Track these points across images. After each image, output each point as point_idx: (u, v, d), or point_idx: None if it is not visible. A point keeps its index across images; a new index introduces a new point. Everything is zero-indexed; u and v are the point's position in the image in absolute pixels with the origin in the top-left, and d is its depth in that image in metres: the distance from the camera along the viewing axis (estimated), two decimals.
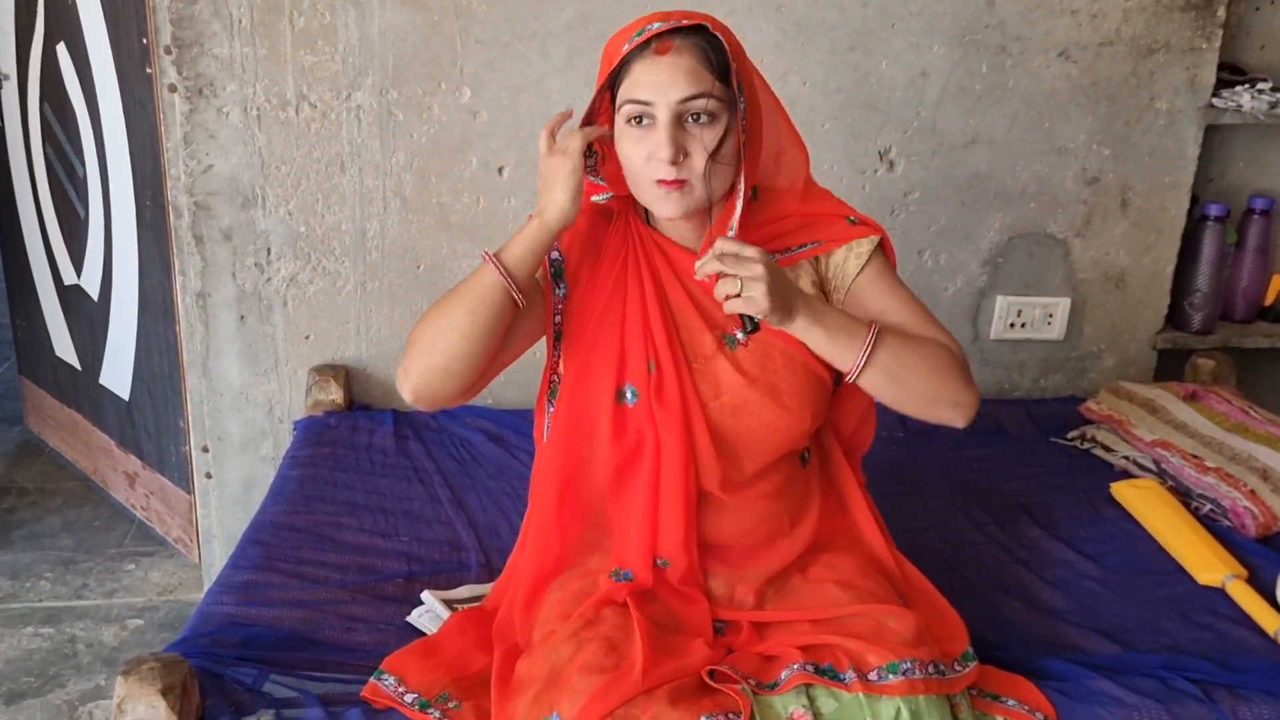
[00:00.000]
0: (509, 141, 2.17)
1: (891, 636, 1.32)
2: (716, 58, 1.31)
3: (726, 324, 1.40)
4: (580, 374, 1.42)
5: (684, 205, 1.33)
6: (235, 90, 2.09)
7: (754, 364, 1.40)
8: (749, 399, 1.39)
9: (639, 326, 1.39)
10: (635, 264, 1.41)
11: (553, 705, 1.25)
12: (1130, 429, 2.12)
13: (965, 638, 1.41)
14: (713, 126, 1.31)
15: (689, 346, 1.40)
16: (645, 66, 1.31)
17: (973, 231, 2.34)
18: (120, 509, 2.81)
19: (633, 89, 1.31)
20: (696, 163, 1.31)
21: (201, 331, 2.23)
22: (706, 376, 1.40)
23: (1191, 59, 2.27)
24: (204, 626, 1.48)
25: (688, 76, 1.29)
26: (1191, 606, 1.65)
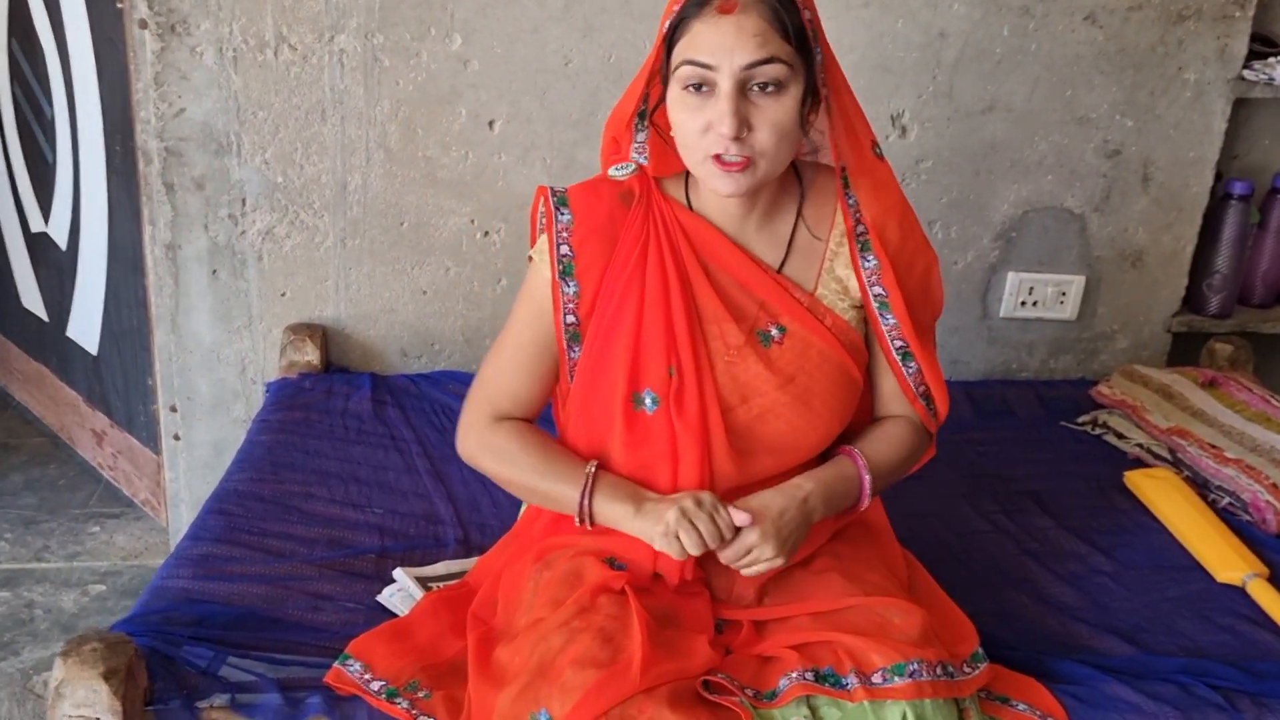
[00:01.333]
0: (501, 93, 2.05)
1: (896, 634, 1.23)
2: (789, 16, 1.19)
3: (758, 318, 1.30)
4: (592, 380, 1.31)
5: (745, 185, 1.23)
6: (210, 29, 1.96)
7: (790, 363, 1.30)
8: (779, 403, 1.29)
9: (659, 326, 1.28)
10: (657, 254, 1.29)
11: (540, 701, 1.15)
12: (1145, 415, 2.02)
13: (975, 639, 1.32)
14: (781, 96, 1.20)
15: (715, 340, 1.29)
16: (707, 25, 1.19)
17: (986, 203, 2.23)
18: (87, 468, 2.70)
19: (691, 49, 1.19)
20: (761, 138, 1.20)
21: (171, 285, 2.12)
22: (734, 374, 1.29)
23: (1223, 27, 2.16)
24: (157, 603, 1.39)
25: (755, 39, 1.17)
26: (1210, 606, 1.57)
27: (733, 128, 1.18)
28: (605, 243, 1.30)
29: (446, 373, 2.17)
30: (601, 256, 1.30)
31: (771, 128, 1.20)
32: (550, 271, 1.31)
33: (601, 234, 1.31)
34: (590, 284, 1.31)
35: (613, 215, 1.31)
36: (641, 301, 1.28)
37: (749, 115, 1.19)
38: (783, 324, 1.31)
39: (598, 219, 1.31)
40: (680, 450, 1.27)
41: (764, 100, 1.19)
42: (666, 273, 1.29)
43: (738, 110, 1.18)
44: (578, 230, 1.31)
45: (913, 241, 1.35)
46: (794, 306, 1.31)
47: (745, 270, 1.30)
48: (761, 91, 1.19)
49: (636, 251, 1.30)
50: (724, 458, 1.28)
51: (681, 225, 1.30)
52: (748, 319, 1.30)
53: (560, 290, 1.31)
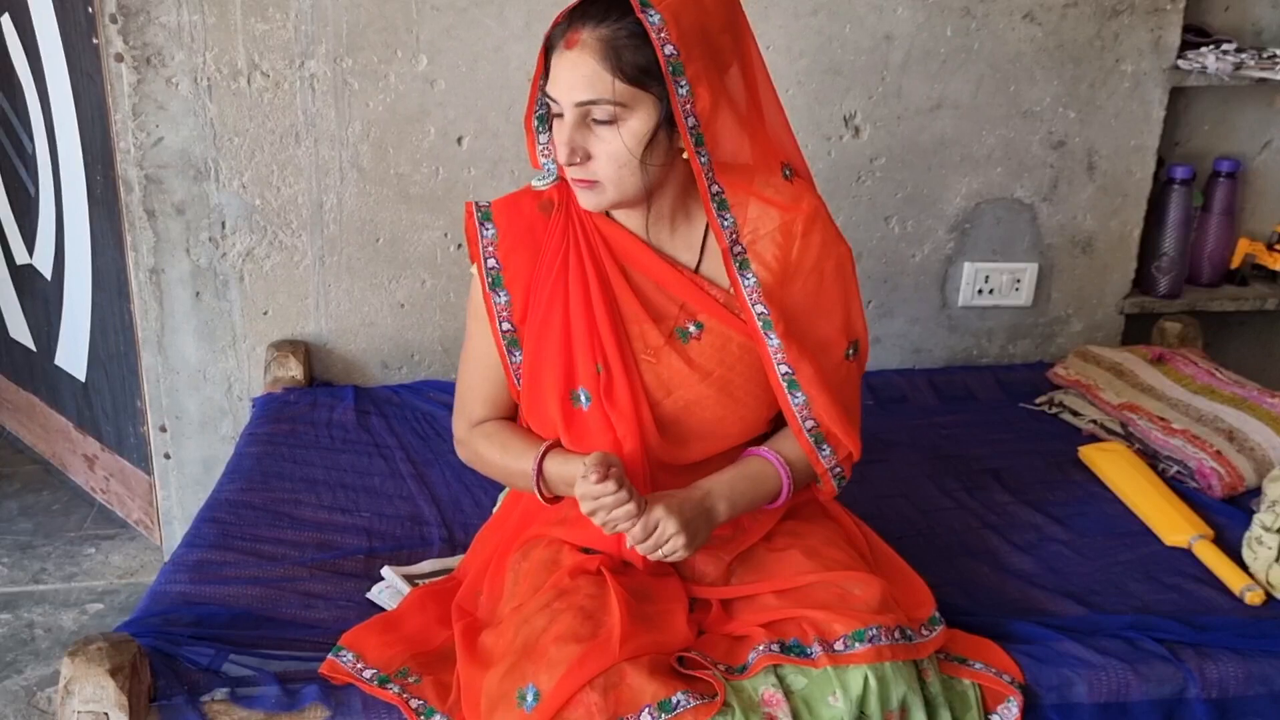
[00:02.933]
0: (468, 110, 2.13)
1: (857, 604, 1.31)
2: (630, 54, 1.22)
3: (678, 316, 1.37)
4: (533, 382, 1.40)
5: (598, 202, 1.31)
6: (184, 59, 2.04)
7: (709, 358, 1.37)
8: (702, 395, 1.36)
9: (585, 327, 1.35)
10: (578, 260, 1.37)
11: (528, 677, 1.22)
12: (1098, 393, 2.11)
13: (931, 603, 1.40)
14: (618, 129, 1.25)
15: (637, 339, 1.37)
16: (557, 59, 1.26)
17: (939, 197, 2.32)
18: (80, 492, 2.76)
19: (548, 80, 1.27)
20: (598, 165, 1.27)
21: (156, 309, 2.18)
22: (657, 370, 1.37)
23: (1156, 20, 2.25)
24: (156, 606, 1.45)
25: (585, 79, 1.23)
26: (1158, 567, 1.65)
27: (564, 157, 1.26)
28: (529, 252, 1.38)
29: (427, 382, 2.24)
30: (526, 265, 1.39)
31: (608, 158, 1.26)
32: (481, 284, 1.40)
33: (524, 244, 1.39)
34: (519, 292, 1.39)
35: (533, 225, 1.39)
36: (567, 305, 1.36)
37: (588, 144, 1.26)
38: (700, 320, 1.37)
39: (519, 230, 1.39)
40: (620, 439, 1.35)
41: (603, 130, 1.25)
42: (587, 277, 1.36)
43: (571, 140, 1.25)
44: (502, 243, 1.39)
45: (808, 256, 1.35)
46: (710, 304, 1.36)
47: (661, 271, 1.36)
48: (600, 123, 1.25)
49: (559, 258, 1.37)
50: (657, 444, 1.36)
51: (600, 231, 1.37)
52: (667, 318, 1.37)
53: (492, 300, 1.39)
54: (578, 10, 1.26)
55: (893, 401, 2.24)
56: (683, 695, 1.21)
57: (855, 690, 1.23)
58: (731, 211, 1.33)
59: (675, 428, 1.37)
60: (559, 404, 1.36)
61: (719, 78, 1.28)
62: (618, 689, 1.21)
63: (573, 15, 1.26)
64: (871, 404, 2.22)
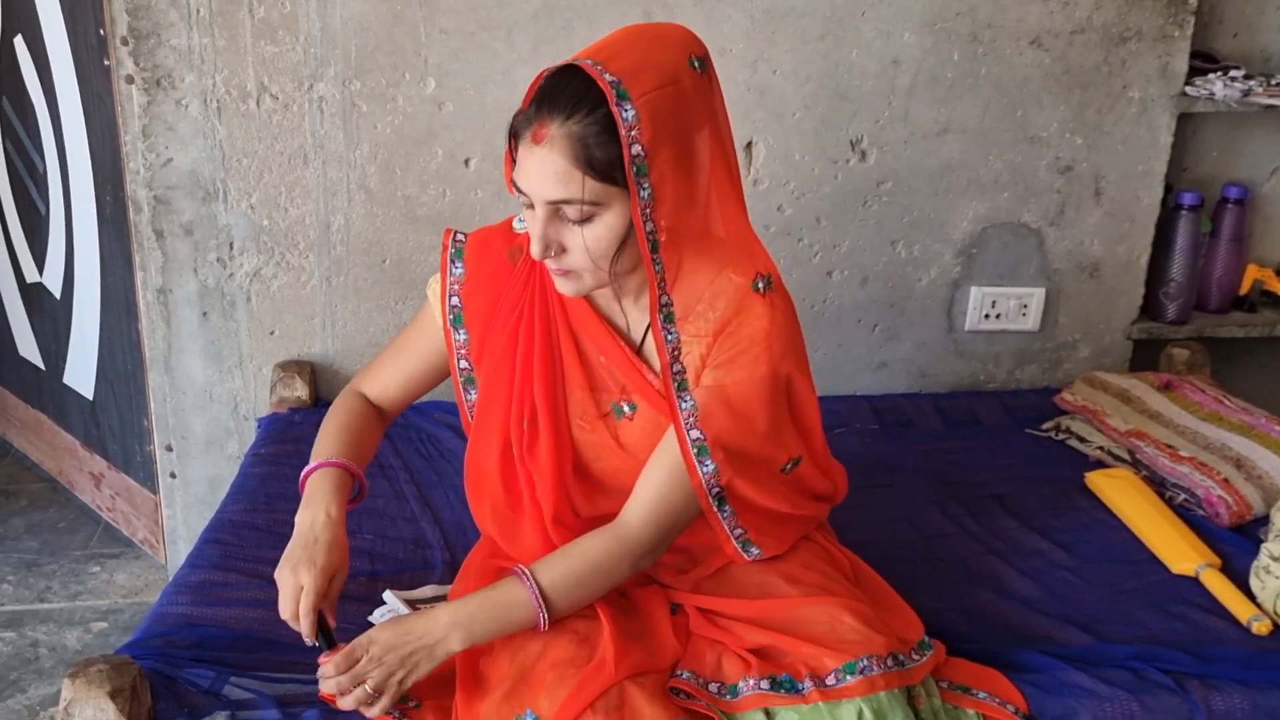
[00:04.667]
0: (475, 133, 2.14)
1: (846, 632, 1.30)
2: (601, 150, 1.17)
3: (615, 392, 1.36)
4: (478, 422, 1.41)
5: (577, 289, 1.29)
6: (194, 81, 2.05)
7: (638, 441, 1.36)
8: (629, 467, 1.36)
9: (521, 382, 1.36)
10: (530, 316, 1.36)
11: (525, 703, 1.22)
12: (1105, 419, 2.10)
13: (920, 627, 1.39)
14: (591, 225, 1.21)
15: (575, 404, 1.37)
16: (525, 151, 1.21)
17: (946, 221, 2.32)
18: (86, 510, 2.76)
19: (516, 170, 1.23)
20: (573, 258, 1.24)
21: (163, 329, 2.19)
22: (589, 438, 1.37)
23: (1164, 47, 2.26)
24: (157, 627, 1.45)
25: (555, 178, 1.18)
26: (1165, 596, 1.64)
27: (538, 253, 1.23)
28: (490, 296, 1.39)
29: (432, 403, 2.22)
30: (487, 307, 1.39)
31: (582, 252, 1.23)
32: (441, 318, 1.41)
33: (488, 287, 1.39)
34: (477, 333, 1.40)
35: (498, 270, 1.39)
36: (515, 357, 1.36)
37: (561, 237, 1.23)
38: (635, 402, 1.36)
39: (485, 273, 1.40)
40: (539, 496, 1.36)
41: (576, 225, 1.22)
42: (535, 335, 1.35)
43: (544, 236, 1.22)
44: (467, 283, 1.41)
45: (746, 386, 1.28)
46: (646, 388, 1.34)
47: (608, 348, 1.35)
48: (572, 219, 1.21)
49: (515, 311, 1.37)
50: (578, 496, 1.38)
51: (560, 294, 1.35)
52: (607, 392, 1.37)
53: (452, 338, 1.41)
54: (545, 99, 1.20)
55: (898, 426, 2.23)
56: None
57: None
58: (677, 326, 1.29)
59: (596, 486, 1.39)
60: (499, 449, 1.38)
61: (686, 177, 1.22)
62: (620, 711, 1.21)
63: (540, 104, 1.20)
64: (876, 428, 2.22)
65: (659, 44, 1.24)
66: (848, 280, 2.33)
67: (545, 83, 1.22)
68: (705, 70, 1.26)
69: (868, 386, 2.41)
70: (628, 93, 1.17)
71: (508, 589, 1.28)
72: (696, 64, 1.25)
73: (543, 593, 1.27)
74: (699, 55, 1.26)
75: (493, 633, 1.28)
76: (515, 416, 1.36)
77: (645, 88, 1.18)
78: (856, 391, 2.40)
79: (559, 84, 1.20)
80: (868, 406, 2.29)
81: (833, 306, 2.34)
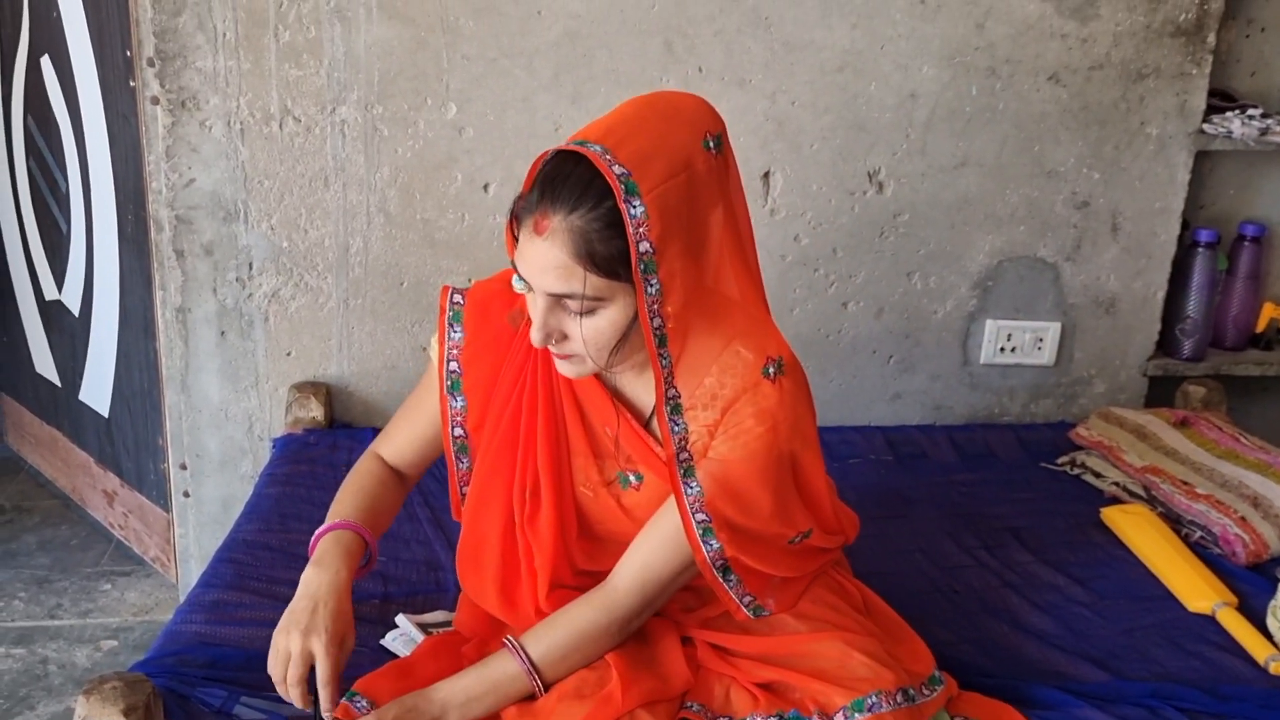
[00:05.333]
0: (495, 158, 2.16)
1: (855, 668, 1.29)
2: (604, 245, 1.13)
3: (620, 461, 1.34)
4: (478, 494, 1.38)
5: (579, 373, 1.27)
6: (218, 104, 2.07)
7: (644, 509, 1.33)
8: (631, 530, 1.34)
9: (523, 451, 1.33)
10: (532, 383, 1.33)
11: None
12: (1120, 455, 2.09)
13: (931, 662, 1.38)
14: (592, 318, 1.18)
15: (579, 472, 1.35)
16: (526, 240, 1.17)
17: (962, 254, 2.32)
18: (98, 528, 2.77)
19: (517, 255, 1.19)
20: (574, 345, 1.21)
21: (181, 347, 2.20)
22: (593, 505, 1.35)
23: (1181, 84, 2.26)
24: (171, 646, 1.45)
25: (556, 272, 1.14)
26: (1181, 634, 1.62)
27: (539, 340, 1.20)
28: (492, 362, 1.35)
29: None
30: (488, 375, 1.36)
31: (583, 341, 1.20)
32: (439, 384, 1.38)
33: (489, 354, 1.36)
34: (477, 400, 1.36)
35: (499, 336, 1.35)
36: (519, 426, 1.33)
37: (563, 326, 1.19)
38: (641, 473, 1.33)
39: (485, 339, 1.36)
40: (537, 567, 1.34)
41: (577, 317, 1.18)
42: (537, 405, 1.32)
43: (545, 325, 1.19)
44: (466, 349, 1.37)
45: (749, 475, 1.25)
46: (653, 460, 1.31)
47: (614, 422, 1.32)
48: (573, 310, 1.18)
49: (518, 378, 1.33)
50: (580, 554, 1.36)
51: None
52: (611, 459, 1.34)
53: (448, 404, 1.37)
54: (548, 188, 1.15)
55: (912, 458, 2.23)
56: None
57: None
58: (684, 416, 1.25)
59: (600, 546, 1.37)
60: (501, 521, 1.35)
61: (697, 268, 1.20)
62: None
63: (543, 193, 1.15)
64: (891, 460, 2.21)
65: (671, 123, 1.19)
66: (863, 311, 2.33)
67: (549, 168, 1.17)
68: (720, 150, 1.22)
69: (882, 417, 2.41)
70: (637, 187, 1.12)
71: (500, 664, 1.28)
72: (711, 144, 1.20)
73: (534, 665, 1.27)
74: (714, 134, 1.21)
75: (488, 708, 1.26)
76: (519, 487, 1.33)
77: (656, 179, 1.13)
78: (870, 422, 2.40)
79: (563, 171, 1.15)
80: (882, 437, 2.28)
81: (848, 337, 2.35)
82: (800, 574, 1.37)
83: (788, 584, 1.36)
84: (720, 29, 2.12)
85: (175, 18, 2.01)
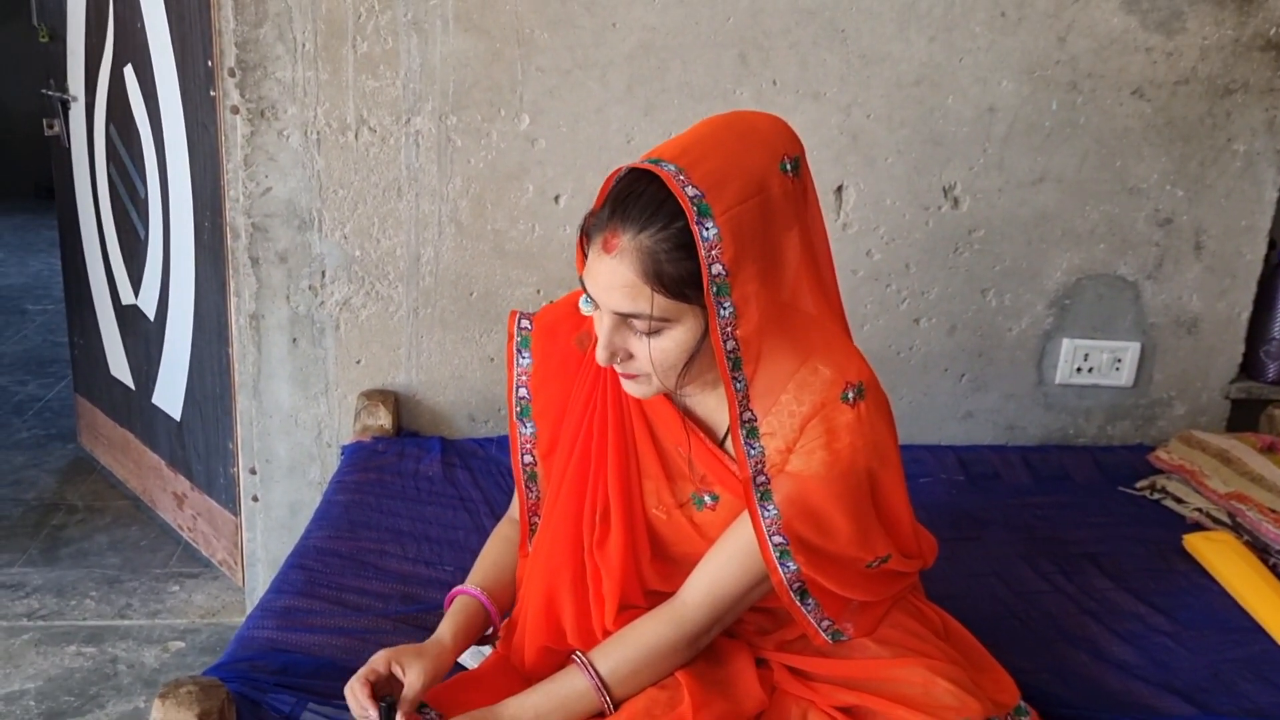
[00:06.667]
0: (566, 170, 2.16)
1: (940, 695, 1.25)
2: (672, 266, 1.11)
3: (694, 482, 1.31)
4: (549, 519, 1.35)
5: (645, 393, 1.24)
6: (296, 113, 2.09)
7: (719, 529, 1.30)
8: (704, 550, 1.31)
9: (594, 475, 1.31)
10: (602, 406, 1.31)
11: None
12: (1203, 480, 2.03)
13: (1016, 692, 1.34)
14: (659, 339, 1.16)
15: (651, 495, 1.32)
16: (594, 256, 1.16)
17: (1039, 272, 2.28)
18: (167, 529, 2.81)
19: (585, 271, 1.18)
20: (640, 364, 1.19)
21: (254, 353, 2.23)
22: (666, 526, 1.33)
23: (1271, 100, 2.20)
24: (244, 651, 1.45)
25: (623, 291, 1.13)
26: (1271, 668, 1.56)
27: (604, 359, 1.18)
28: (561, 387, 1.34)
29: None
30: (558, 400, 1.34)
31: (650, 361, 1.18)
32: (509, 411, 1.37)
33: (558, 379, 1.35)
34: (547, 426, 1.36)
35: (567, 360, 1.34)
36: (588, 453, 1.31)
37: (629, 345, 1.18)
38: (717, 493, 1.30)
39: (554, 364, 1.35)
40: (605, 590, 1.31)
41: (644, 336, 1.17)
42: (608, 428, 1.30)
43: (611, 344, 1.17)
44: (535, 374, 1.36)
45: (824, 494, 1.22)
46: (731, 481, 1.29)
47: (685, 442, 1.29)
48: (640, 330, 1.17)
49: (588, 405, 1.31)
50: (653, 575, 1.33)
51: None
52: (685, 480, 1.31)
53: (518, 431, 1.37)
54: (619, 206, 1.14)
55: (985, 478, 2.18)
56: None
57: None
58: (761, 440, 1.22)
59: (676, 567, 1.33)
60: (569, 546, 1.32)
61: (771, 290, 1.17)
62: None
63: (614, 211, 1.14)
64: (963, 479, 2.17)
65: (748, 144, 1.17)
66: (935, 328, 2.29)
67: (621, 185, 1.16)
68: (798, 173, 1.19)
69: (953, 436, 2.36)
70: (710, 209, 1.10)
71: (569, 680, 1.26)
72: (789, 167, 1.17)
73: (603, 681, 1.25)
74: (792, 157, 1.18)
75: (562, 713, 1.24)
76: (589, 512, 1.31)
77: (729, 202, 1.11)
78: (941, 441, 2.35)
79: (635, 190, 1.14)
80: (953, 457, 2.24)
81: (919, 354, 2.31)
82: (879, 598, 1.34)
83: (866, 608, 1.33)
84: (795, 41, 2.10)
85: (257, 29, 2.04)
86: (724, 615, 1.30)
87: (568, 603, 1.33)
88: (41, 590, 2.51)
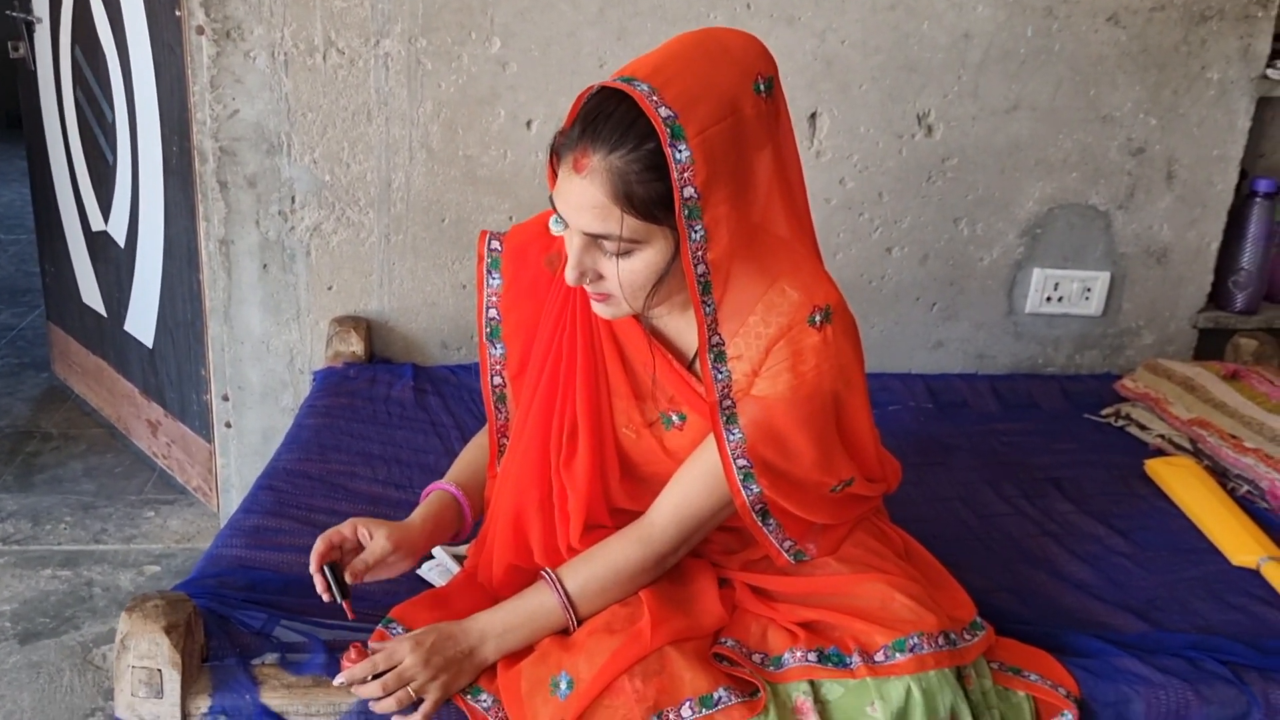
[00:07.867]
0: (538, 95, 2.13)
1: (898, 609, 1.28)
2: (643, 187, 1.11)
3: (662, 402, 1.32)
4: (517, 437, 1.35)
5: (614, 313, 1.24)
6: (263, 34, 2.06)
7: (687, 447, 1.31)
8: (671, 469, 1.32)
9: (561, 395, 1.31)
10: (571, 327, 1.31)
11: (562, 666, 1.22)
12: (1167, 407, 2.06)
13: (972, 608, 1.36)
14: (628, 259, 1.16)
15: (620, 414, 1.32)
16: (564, 175, 1.15)
17: (1011, 200, 2.28)
18: (142, 456, 2.81)
19: (555, 189, 1.17)
20: (609, 285, 1.19)
21: (224, 279, 2.22)
22: (634, 445, 1.33)
23: (1246, 27, 2.19)
24: (212, 568, 1.46)
25: (593, 211, 1.13)
26: (1224, 587, 1.60)
27: (573, 279, 1.18)
28: (531, 306, 1.34)
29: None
30: (528, 320, 1.35)
31: (618, 283, 1.18)
32: (479, 332, 1.37)
33: (528, 299, 1.35)
34: (517, 347, 1.36)
35: (537, 281, 1.34)
36: (557, 372, 1.31)
37: (598, 265, 1.18)
38: (684, 413, 1.31)
39: (524, 284, 1.35)
40: (570, 508, 1.32)
41: (613, 256, 1.16)
42: (576, 349, 1.30)
43: (580, 263, 1.17)
44: (505, 295, 1.36)
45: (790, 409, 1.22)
46: (696, 400, 1.29)
47: (655, 362, 1.30)
48: (609, 251, 1.16)
49: (557, 325, 1.31)
50: (622, 494, 1.34)
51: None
52: (653, 400, 1.31)
53: (488, 352, 1.37)
54: (589, 125, 1.12)
55: (953, 406, 2.21)
56: (725, 691, 1.20)
57: (896, 701, 1.20)
58: (728, 364, 1.23)
59: (644, 486, 1.35)
60: (535, 463, 1.33)
61: (742, 212, 1.17)
62: (659, 676, 1.20)
63: (584, 130, 1.13)
64: (931, 408, 2.19)
65: (720, 64, 1.15)
66: (907, 257, 2.30)
67: (592, 104, 1.14)
68: (771, 94, 1.18)
69: (923, 365, 2.38)
70: (683, 130, 1.09)
71: (536, 596, 1.28)
72: (762, 87, 1.16)
73: (570, 599, 1.27)
74: (765, 76, 1.17)
75: (524, 640, 1.27)
76: (555, 430, 1.32)
77: (703, 123, 1.10)
78: (912, 370, 2.37)
79: (606, 109, 1.12)
80: (923, 385, 2.26)
81: (891, 283, 2.32)
82: (841, 520, 1.36)
83: (828, 530, 1.35)
84: None
85: None
86: (691, 536, 1.32)
87: (535, 521, 1.35)
88: (16, 515, 2.52)
